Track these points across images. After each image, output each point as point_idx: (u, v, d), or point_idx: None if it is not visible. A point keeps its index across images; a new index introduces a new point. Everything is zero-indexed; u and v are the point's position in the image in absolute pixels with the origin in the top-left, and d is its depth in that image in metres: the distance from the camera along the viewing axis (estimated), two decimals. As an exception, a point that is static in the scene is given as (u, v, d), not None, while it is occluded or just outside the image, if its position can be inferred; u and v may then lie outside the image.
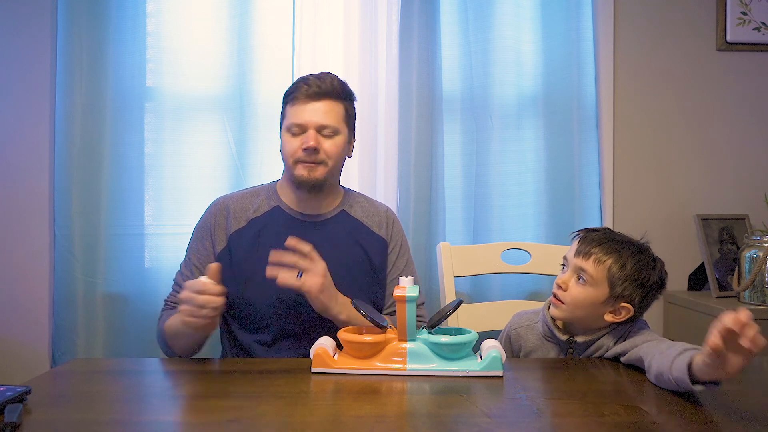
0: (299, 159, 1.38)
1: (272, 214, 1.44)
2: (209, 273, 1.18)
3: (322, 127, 1.38)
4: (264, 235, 1.41)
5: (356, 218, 1.49)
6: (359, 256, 1.45)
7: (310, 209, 1.46)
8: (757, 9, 2.18)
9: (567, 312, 1.24)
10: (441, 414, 0.92)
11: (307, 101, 1.38)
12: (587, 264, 1.20)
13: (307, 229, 1.43)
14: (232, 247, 1.40)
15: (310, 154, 1.37)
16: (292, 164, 1.39)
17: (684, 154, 2.20)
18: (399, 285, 1.16)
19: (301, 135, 1.38)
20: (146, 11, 1.96)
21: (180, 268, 1.44)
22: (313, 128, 1.37)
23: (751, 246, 1.94)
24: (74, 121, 1.92)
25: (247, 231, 1.42)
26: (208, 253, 1.41)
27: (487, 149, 2.06)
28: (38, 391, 0.98)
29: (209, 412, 0.93)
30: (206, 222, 1.44)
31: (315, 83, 1.39)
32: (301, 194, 1.43)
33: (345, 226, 1.47)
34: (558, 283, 1.24)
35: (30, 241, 1.98)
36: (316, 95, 1.38)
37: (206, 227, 1.44)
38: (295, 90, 1.39)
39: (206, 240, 1.43)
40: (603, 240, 1.22)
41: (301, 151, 1.37)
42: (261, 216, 1.43)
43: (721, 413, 0.93)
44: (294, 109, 1.39)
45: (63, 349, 1.91)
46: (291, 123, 1.39)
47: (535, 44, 2.10)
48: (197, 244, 1.43)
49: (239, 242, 1.41)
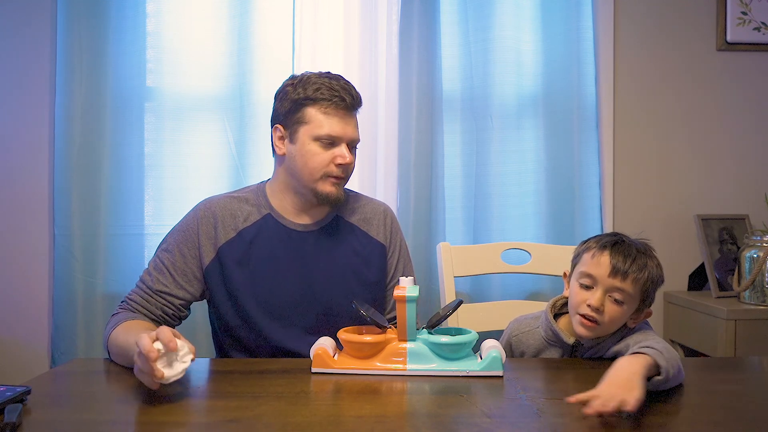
0: (330, 173, 1.31)
1: (264, 224, 1.35)
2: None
3: (354, 141, 1.35)
4: (255, 247, 1.33)
5: (353, 223, 1.42)
6: (355, 265, 1.39)
7: (306, 218, 1.38)
8: (757, 9, 2.18)
9: (601, 332, 1.21)
10: (441, 414, 0.92)
11: (344, 113, 1.32)
12: (626, 284, 1.17)
13: (301, 240, 1.36)
14: (223, 260, 1.32)
15: (344, 170, 1.32)
16: (319, 178, 1.31)
17: (684, 154, 2.20)
18: (399, 285, 1.16)
19: (333, 148, 1.31)
20: (146, 11, 1.96)
21: (148, 267, 1.34)
22: (346, 142, 1.32)
23: (751, 246, 1.94)
24: (74, 121, 1.92)
25: (237, 242, 1.33)
26: (189, 263, 1.32)
27: (487, 149, 2.06)
28: (38, 391, 0.98)
29: (209, 412, 0.93)
30: (190, 229, 1.34)
31: (348, 94, 1.32)
32: (304, 204, 1.37)
33: (341, 233, 1.40)
34: (592, 306, 1.18)
35: (30, 241, 1.98)
36: (352, 107, 1.33)
37: (190, 235, 1.34)
38: (330, 97, 1.30)
39: (190, 248, 1.33)
40: (632, 254, 1.19)
41: (334, 165, 1.31)
42: (251, 226, 1.35)
43: (722, 413, 0.93)
44: (329, 119, 1.30)
45: (63, 349, 1.91)
46: (325, 134, 1.30)
47: (535, 44, 2.10)
48: (176, 250, 1.33)
49: (229, 255, 1.32)
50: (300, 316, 1.33)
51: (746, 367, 1.35)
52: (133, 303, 1.30)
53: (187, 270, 1.32)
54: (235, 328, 1.33)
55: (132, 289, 1.33)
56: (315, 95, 1.31)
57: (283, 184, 1.38)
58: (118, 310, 1.30)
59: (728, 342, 1.82)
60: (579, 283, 1.22)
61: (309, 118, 1.31)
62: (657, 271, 1.21)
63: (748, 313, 1.85)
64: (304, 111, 1.32)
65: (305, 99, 1.31)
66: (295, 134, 1.33)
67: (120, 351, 1.16)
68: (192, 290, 1.33)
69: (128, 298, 1.31)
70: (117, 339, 1.18)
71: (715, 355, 1.83)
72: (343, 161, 1.31)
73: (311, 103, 1.31)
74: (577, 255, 1.26)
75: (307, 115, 1.31)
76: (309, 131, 1.31)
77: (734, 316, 1.82)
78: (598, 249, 1.21)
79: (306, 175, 1.32)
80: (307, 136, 1.31)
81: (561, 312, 1.31)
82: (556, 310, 1.31)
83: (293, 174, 1.34)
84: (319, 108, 1.31)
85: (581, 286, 1.21)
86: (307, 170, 1.32)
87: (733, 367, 1.33)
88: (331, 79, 1.33)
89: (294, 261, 1.35)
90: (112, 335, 1.20)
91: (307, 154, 1.31)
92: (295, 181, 1.35)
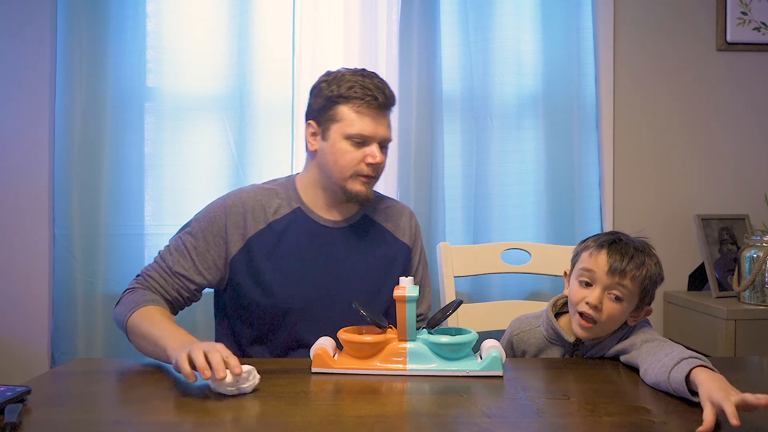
0: (360, 172, 1.31)
1: (293, 217, 1.36)
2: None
3: (386, 140, 1.35)
4: (284, 241, 1.34)
5: (380, 223, 1.43)
6: (381, 264, 1.40)
7: (336, 214, 1.39)
8: (757, 9, 2.18)
9: (600, 331, 1.21)
10: (441, 414, 0.92)
11: (377, 112, 1.31)
12: (624, 282, 1.18)
13: (330, 235, 1.37)
14: (252, 251, 1.32)
15: (375, 169, 1.32)
16: (349, 176, 1.32)
17: (684, 154, 2.19)
18: (399, 285, 1.16)
19: (363, 147, 1.31)
20: (146, 11, 1.96)
21: (168, 245, 1.34)
22: (378, 141, 1.32)
23: (751, 246, 1.94)
24: (74, 121, 1.92)
25: (267, 234, 1.33)
26: (212, 250, 1.32)
27: (487, 149, 2.06)
28: (38, 391, 0.98)
29: (209, 412, 0.93)
30: (218, 219, 1.34)
31: (381, 93, 1.31)
32: (334, 200, 1.37)
33: (368, 232, 1.41)
34: (591, 303, 1.18)
35: (30, 241, 1.98)
36: (385, 106, 1.33)
37: (217, 223, 1.33)
38: (363, 96, 1.30)
39: (214, 236, 1.33)
40: (629, 252, 1.19)
41: (364, 165, 1.31)
42: (281, 219, 1.35)
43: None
44: (361, 118, 1.30)
45: (63, 349, 1.91)
46: (357, 133, 1.30)
47: (535, 44, 2.09)
48: (200, 235, 1.32)
49: (258, 246, 1.33)
50: (324, 311, 1.33)
51: (746, 367, 1.35)
52: (151, 280, 1.30)
53: (208, 257, 1.32)
54: (258, 319, 1.34)
55: (149, 264, 1.34)
56: (348, 93, 1.30)
57: (314, 179, 1.38)
58: (134, 285, 1.30)
59: (728, 342, 1.82)
60: (578, 281, 1.23)
61: (341, 116, 1.31)
62: (656, 269, 1.21)
63: (748, 313, 1.85)
64: (336, 109, 1.32)
65: (338, 97, 1.31)
66: (327, 131, 1.33)
67: (142, 340, 1.18)
68: (210, 277, 1.33)
69: (146, 275, 1.31)
70: (139, 326, 1.19)
71: (715, 355, 1.83)
72: (373, 160, 1.31)
73: (344, 101, 1.31)
74: (577, 254, 1.27)
75: (339, 113, 1.32)
76: (340, 129, 1.31)
77: (734, 316, 1.82)
78: (596, 247, 1.22)
79: (336, 173, 1.33)
80: (339, 134, 1.31)
81: (562, 311, 1.32)
82: (557, 309, 1.32)
83: (324, 170, 1.35)
84: (352, 106, 1.31)
85: (580, 284, 1.22)
86: (337, 168, 1.32)
87: (733, 367, 1.33)
88: (365, 77, 1.33)
89: (321, 256, 1.36)
90: (133, 319, 1.20)
91: (338, 152, 1.31)
92: (325, 178, 1.35)
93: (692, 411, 0.93)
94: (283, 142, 2.01)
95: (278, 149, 2.00)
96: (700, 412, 0.89)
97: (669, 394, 1.00)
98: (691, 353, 1.02)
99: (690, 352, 1.03)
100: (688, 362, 0.98)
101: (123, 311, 1.24)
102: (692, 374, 0.96)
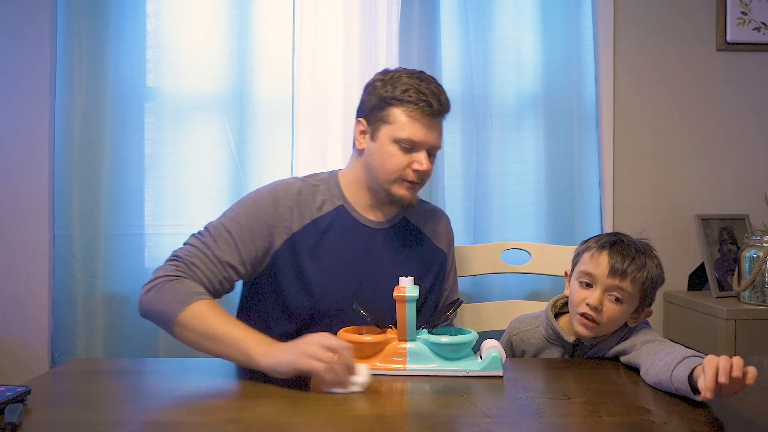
0: (405, 177, 1.30)
1: (337, 215, 1.34)
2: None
3: (435, 148, 1.33)
4: (328, 238, 1.32)
5: (418, 227, 1.43)
6: (417, 268, 1.38)
7: (378, 215, 1.37)
8: (757, 9, 2.18)
9: (600, 331, 1.21)
10: (441, 414, 0.92)
11: (430, 119, 1.29)
12: (625, 283, 1.18)
13: (372, 236, 1.36)
14: (296, 246, 1.30)
15: (420, 176, 1.31)
16: (394, 180, 1.30)
17: (684, 154, 2.19)
18: (399, 285, 1.16)
19: (411, 152, 1.29)
20: (146, 11, 1.95)
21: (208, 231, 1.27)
22: (427, 148, 1.30)
23: (751, 246, 1.94)
24: (74, 121, 1.92)
25: (311, 231, 1.31)
26: (256, 242, 1.27)
27: (487, 149, 2.06)
28: (38, 391, 0.98)
29: (209, 412, 0.93)
30: (266, 208, 1.29)
31: (436, 99, 1.29)
32: (376, 201, 1.36)
33: (407, 235, 1.40)
34: (591, 304, 1.18)
35: (30, 241, 1.98)
36: (439, 113, 1.31)
37: (266, 214, 1.29)
38: (417, 101, 1.27)
39: (260, 226, 1.28)
40: (631, 254, 1.19)
41: (410, 170, 1.29)
42: (324, 216, 1.33)
43: (721, 413, 0.93)
44: (412, 124, 1.28)
45: (63, 349, 1.91)
46: (407, 138, 1.27)
47: (535, 44, 2.09)
48: (246, 225, 1.27)
49: (303, 242, 1.30)
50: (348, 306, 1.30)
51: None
52: (195, 268, 1.22)
53: (252, 248, 1.28)
54: (291, 316, 1.30)
55: (186, 248, 1.25)
56: (402, 96, 1.28)
57: (358, 178, 1.36)
58: (176, 272, 1.20)
59: (728, 342, 1.81)
60: (579, 282, 1.22)
61: (393, 118, 1.29)
62: (657, 271, 1.21)
63: (748, 313, 1.84)
64: (389, 110, 1.29)
65: (392, 98, 1.29)
66: (376, 132, 1.31)
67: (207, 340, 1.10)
68: (251, 270, 1.29)
69: (189, 261, 1.22)
70: (203, 323, 1.11)
71: (715, 355, 1.83)
72: (420, 168, 1.29)
73: (397, 104, 1.29)
74: (578, 254, 1.27)
75: (391, 115, 1.29)
76: (390, 132, 1.29)
77: (734, 316, 1.82)
78: (597, 248, 1.21)
79: (382, 175, 1.31)
80: (388, 137, 1.29)
81: (562, 311, 1.32)
82: (556, 309, 1.32)
83: (369, 171, 1.33)
84: (405, 110, 1.28)
85: (581, 285, 1.22)
86: (383, 170, 1.30)
87: (733, 367, 1.33)
88: (422, 81, 1.30)
89: (362, 256, 1.34)
90: (188, 314, 1.12)
91: (385, 154, 1.29)
92: (370, 178, 1.34)
93: (692, 411, 0.93)
94: (283, 142, 2.01)
95: (278, 149, 2.00)
96: (700, 412, 0.90)
97: (670, 393, 1.00)
98: (692, 352, 1.02)
99: (692, 351, 1.03)
100: (690, 361, 0.98)
101: (170, 302, 1.14)
102: (694, 373, 0.95)
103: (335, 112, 2.03)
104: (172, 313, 1.13)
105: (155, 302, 1.17)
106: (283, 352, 1.03)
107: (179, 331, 1.13)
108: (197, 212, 1.96)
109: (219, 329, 1.10)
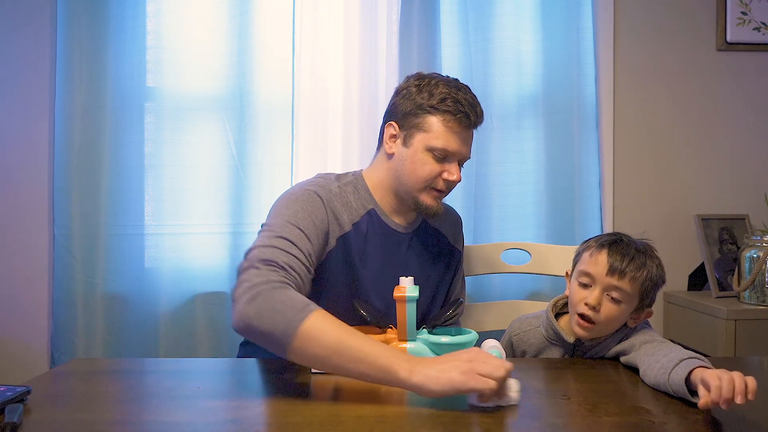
0: (434, 186, 1.28)
1: (370, 219, 1.31)
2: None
3: (465, 158, 1.31)
4: (369, 244, 1.29)
5: (437, 229, 1.42)
6: (440, 270, 1.39)
7: (402, 219, 1.36)
8: (757, 9, 2.18)
9: (598, 332, 1.21)
10: (441, 414, 0.92)
11: (466, 130, 1.27)
12: (623, 283, 1.18)
13: (399, 241, 1.34)
14: (348, 248, 1.26)
15: (448, 186, 1.29)
16: (423, 188, 1.28)
17: (684, 154, 2.19)
18: (399, 285, 1.16)
19: (443, 162, 1.27)
20: (146, 11, 1.96)
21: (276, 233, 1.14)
22: (458, 158, 1.29)
23: (751, 246, 1.94)
24: (74, 121, 1.92)
25: (353, 236, 1.27)
26: (321, 240, 1.21)
27: (487, 149, 2.06)
28: (38, 391, 0.98)
29: (209, 412, 0.93)
30: (319, 209, 1.23)
31: (473, 111, 1.26)
32: (400, 206, 1.34)
33: (428, 238, 1.40)
34: (590, 304, 1.18)
35: (30, 241, 1.98)
36: (474, 125, 1.29)
37: (321, 213, 1.22)
38: (455, 111, 1.25)
39: (319, 230, 1.21)
40: (630, 253, 1.19)
41: (441, 180, 1.27)
42: (360, 221, 1.29)
43: (721, 413, 0.93)
44: (448, 134, 1.25)
45: (62, 349, 1.91)
46: (442, 147, 1.25)
47: (535, 44, 2.09)
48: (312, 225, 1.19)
49: (348, 247, 1.27)
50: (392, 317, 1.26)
51: (746, 367, 1.35)
52: (296, 275, 1.10)
53: (317, 244, 1.20)
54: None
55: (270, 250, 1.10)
56: (440, 105, 1.25)
57: (385, 182, 1.33)
58: (280, 278, 1.05)
59: (728, 342, 1.82)
60: (578, 281, 1.22)
61: (429, 126, 1.26)
62: (657, 271, 1.21)
63: (748, 313, 1.85)
64: (425, 118, 1.26)
65: (429, 106, 1.26)
66: (410, 138, 1.28)
67: (337, 356, 0.98)
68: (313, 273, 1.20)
69: (288, 266, 1.09)
70: (332, 338, 0.98)
71: (715, 355, 1.83)
72: (450, 178, 1.27)
73: (434, 112, 1.26)
74: (578, 254, 1.27)
75: (427, 123, 1.26)
76: (425, 140, 1.26)
77: (734, 316, 1.82)
78: (597, 248, 1.21)
79: (411, 182, 1.28)
80: (422, 144, 1.26)
81: (562, 311, 1.32)
82: (557, 309, 1.32)
83: (398, 176, 1.30)
84: (442, 119, 1.25)
85: (580, 285, 1.22)
86: (414, 177, 1.28)
87: (732, 367, 1.33)
88: (459, 90, 1.27)
89: (390, 260, 1.33)
90: (311, 326, 0.98)
91: (418, 162, 1.27)
92: (397, 184, 1.31)
93: (692, 411, 0.93)
94: (283, 142, 2.01)
95: (278, 149, 2.00)
96: (700, 412, 0.89)
97: (669, 394, 1.00)
98: (690, 354, 1.02)
99: (689, 352, 1.03)
100: (687, 363, 0.98)
101: (286, 312, 0.99)
102: (692, 375, 0.96)
103: (335, 112, 2.03)
104: (293, 325, 0.98)
105: (264, 312, 1.00)
106: (438, 371, 0.93)
107: (300, 345, 0.98)
108: (197, 212, 1.96)
109: (349, 343, 0.98)
